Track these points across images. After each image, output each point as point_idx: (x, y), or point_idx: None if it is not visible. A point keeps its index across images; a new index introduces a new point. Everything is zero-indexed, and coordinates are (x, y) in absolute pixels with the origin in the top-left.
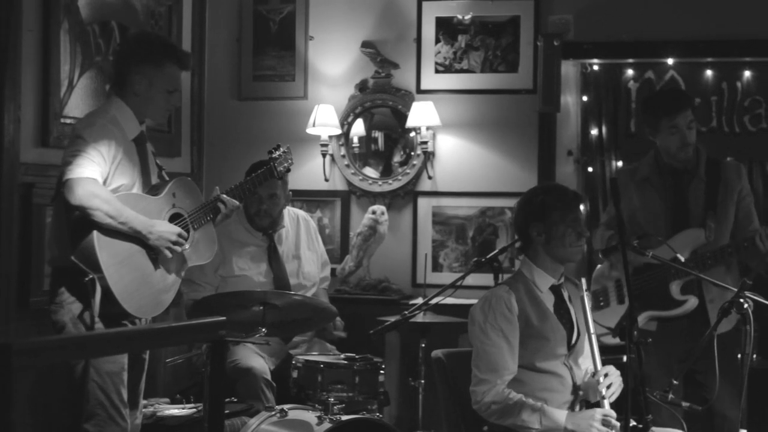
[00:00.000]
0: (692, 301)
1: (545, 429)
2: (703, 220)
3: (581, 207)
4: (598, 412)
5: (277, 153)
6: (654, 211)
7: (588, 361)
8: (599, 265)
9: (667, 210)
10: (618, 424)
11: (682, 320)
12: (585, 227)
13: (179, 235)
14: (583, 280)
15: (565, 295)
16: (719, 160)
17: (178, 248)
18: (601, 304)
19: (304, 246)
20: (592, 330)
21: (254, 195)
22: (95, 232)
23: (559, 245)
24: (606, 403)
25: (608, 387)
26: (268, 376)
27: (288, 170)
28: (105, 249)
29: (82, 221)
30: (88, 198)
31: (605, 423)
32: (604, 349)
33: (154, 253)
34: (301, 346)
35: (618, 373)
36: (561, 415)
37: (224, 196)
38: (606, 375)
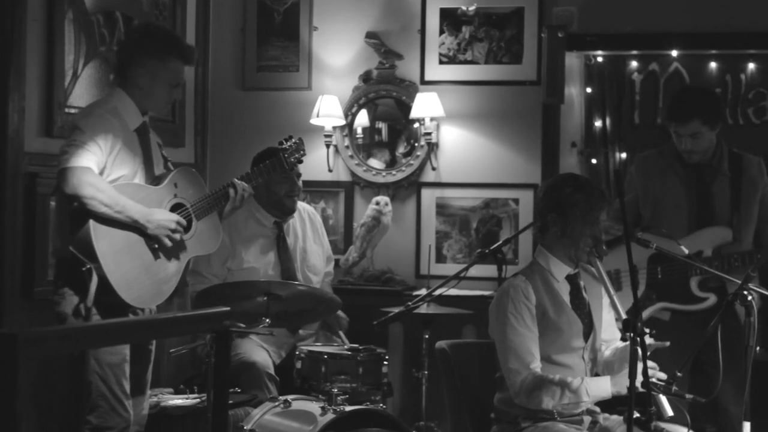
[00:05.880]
0: (711, 299)
1: (594, 400)
2: (730, 219)
3: (604, 209)
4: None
5: (288, 144)
6: (678, 203)
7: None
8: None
9: (691, 204)
10: (663, 375)
11: (698, 315)
12: (601, 231)
13: (178, 223)
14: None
15: (581, 284)
16: (741, 154)
17: (177, 236)
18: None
19: (311, 239)
20: (612, 291)
21: (284, 178)
22: (91, 222)
23: (572, 245)
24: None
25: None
26: (272, 371)
27: (299, 161)
28: (102, 238)
29: (81, 211)
30: (82, 187)
31: None
32: None
33: (154, 243)
34: (308, 340)
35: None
36: (605, 382)
37: (236, 180)
38: None
